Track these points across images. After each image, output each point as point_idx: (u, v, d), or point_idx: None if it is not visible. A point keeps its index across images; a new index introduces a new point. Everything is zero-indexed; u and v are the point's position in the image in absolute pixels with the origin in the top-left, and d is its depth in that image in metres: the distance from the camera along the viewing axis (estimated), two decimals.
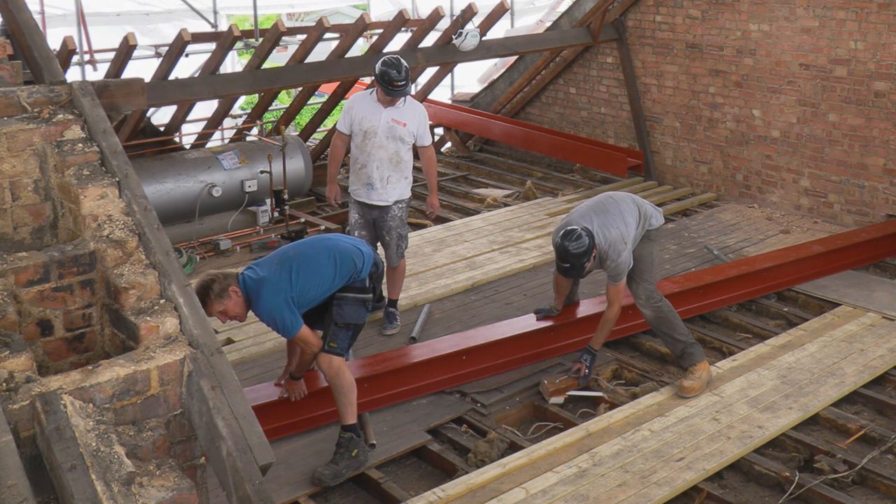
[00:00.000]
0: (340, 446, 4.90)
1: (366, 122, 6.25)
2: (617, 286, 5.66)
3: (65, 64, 7.66)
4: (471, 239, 8.38)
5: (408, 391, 5.65)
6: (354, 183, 6.39)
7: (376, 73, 6.16)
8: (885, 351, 6.21)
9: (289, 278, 4.73)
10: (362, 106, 6.31)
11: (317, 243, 5.03)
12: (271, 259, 4.89)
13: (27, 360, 2.92)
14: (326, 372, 4.88)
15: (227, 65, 11.20)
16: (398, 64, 6.13)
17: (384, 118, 6.23)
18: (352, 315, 4.93)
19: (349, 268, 4.90)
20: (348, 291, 4.93)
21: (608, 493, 4.68)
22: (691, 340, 5.77)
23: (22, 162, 3.53)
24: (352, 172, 6.41)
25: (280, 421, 5.19)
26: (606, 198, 5.87)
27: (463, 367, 5.83)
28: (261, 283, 4.69)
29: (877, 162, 8.47)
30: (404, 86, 6.15)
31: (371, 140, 6.24)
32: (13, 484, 2.45)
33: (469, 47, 9.38)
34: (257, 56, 8.61)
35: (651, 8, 10.02)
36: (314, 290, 4.82)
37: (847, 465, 5.04)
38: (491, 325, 6.33)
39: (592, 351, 5.85)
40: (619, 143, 10.61)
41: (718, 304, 6.98)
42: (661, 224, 5.92)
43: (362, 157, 6.29)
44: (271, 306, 4.68)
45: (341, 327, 4.90)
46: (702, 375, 5.68)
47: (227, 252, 8.24)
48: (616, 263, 5.57)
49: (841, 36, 8.50)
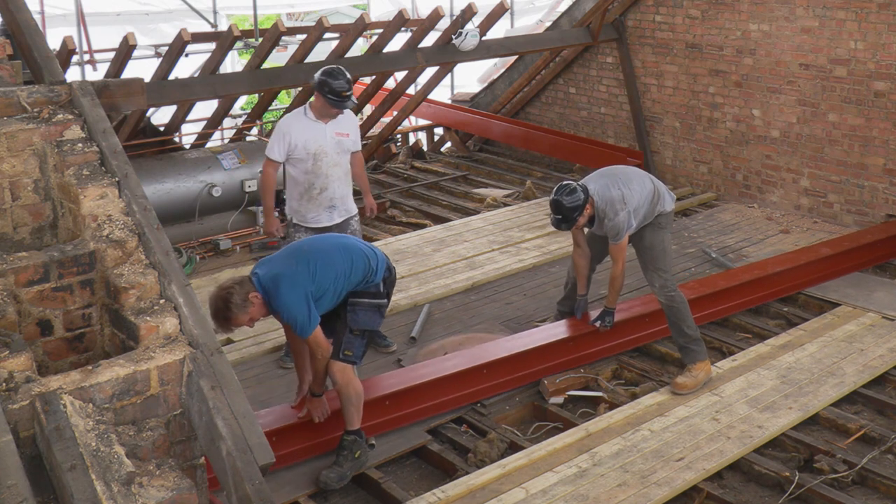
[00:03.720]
0: (343, 448, 4.85)
1: (312, 143, 5.81)
2: (617, 245, 5.72)
3: (65, 64, 7.67)
4: (471, 239, 8.38)
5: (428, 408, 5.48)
6: (311, 210, 5.92)
7: (317, 84, 5.75)
8: (884, 351, 6.21)
9: (307, 271, 4.60)
10: (301, 128, 5.83)
11: (329, 239, 4.97)
12: (282, 255, 4.78)
13: (27, 360, 2.92)
14: (339, 380, 4.76)
15: (227, 65, 11.20)
16: (341, 73, 5.75)
17: (329, 135, 5.85)
18: (367, 321, 4.83)
19: (363, 266, 4.80)
20: (363, 297, 4.83)
21: (608, 493, 4.67)
22: (697, 337, 5.78)
23: (22, 162, 3.53)
24: (303, 200, 5.91)
25: (303, 443, 5.01)
26: (619, 167, 6.05)
27: (483, 382, 5.68)
28: (278, 279, 4.55)
29: (877, 162, 8.46)
30: (350, 95, 5.78)
31: (323, 161, 5.84)
32: (13, 484, 2.45)
33: (469, 47, 9.38)
34: (257, 56, 8.61)
35: (651, 8, 10.02)
36: (330, 286, 4.69)
37: (847, 465, 5.03)
38: (510, 337, 6.14)
39: (610, 309, 6.02)
40: (618, 142, 10.61)
41: (732, 309, 6.90)
42: (672, 209, 5.95)
43: (319, 181, 5.85)
44: (290, 301, 4.54)
45: (356, 335, 4.80)
46: (698, 375, 5.67)
47: (227, 252, 8.24)
48: (613, 223, 5.63)
49: (841, 36, 8.49)
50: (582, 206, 5.59)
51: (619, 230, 5.66)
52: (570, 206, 5.58)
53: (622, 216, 5.62)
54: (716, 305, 6.81)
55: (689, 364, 5.72)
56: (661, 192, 5.87)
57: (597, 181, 5.79)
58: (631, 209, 5.65)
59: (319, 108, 5.83)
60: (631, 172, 5.95)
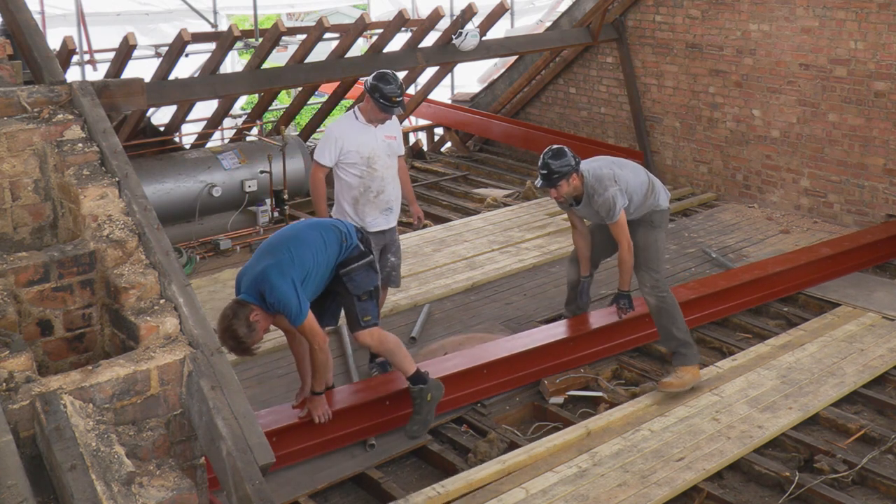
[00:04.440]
0: (415, 398, 5.09)
1: (364, 148, 5.72)
2: (616, 224, 5.69)
3: (65, 64, 7.67)
4: (471, 239, 8.38)
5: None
6: (368, 214, 5.78)
7: (369, 88, 5.63)
8: (885, 351, 6.21)
9: (287, 257, 4.65)
10: (353, 133, 5.74)
11: (291, 227, 5.06)
12: (256, 257, 4.77)
13: (27, 360, 2.92)
14: (372, 344, 4.98)
15: (227, 65, 11.20)
16: (393, 77, 5.66)
17: (380, 138, 5.77)
18: (366, 281, 4.94)
19: (335, 235, 4.88)
20: (350, 263, 4.91)
21: (608, 493, 4.67)
22: (688, 340, 5.73)
23: (22, 162, 3.53)
24: (359, 205, 5.79)
25: (303, 443, 4.99)
26: (614, 157, 6.15)
27: (483, 382, 5.68)
28: (266, 272, 4.57)
29: (877, 162, 8.47)
30: (402, 100, 5.69)
31: (377, 164, 5.75)
32: (13, 484, 2.45)
33: (469, 47, 9.38)
34: (257, 56, 8.61)
35: (651, 8, 10.02)
36: (311, 264, 4.72)
37: (847, 465, 5.03)
38: (510, 337, 6.14)
39: (624, 292, 6.01)
40: (619, 143, 10.61)
41: (732, 309, 6.89)
42: (667, 207, 5.93)
43: (376, 184, 5.75)
44: (281, 290, 4.54)
45: (364, 300, 4.92)
46: (684, 377, 5.63)
47: (227, 252, 8.24)
48: (603, 198, 5.62)
49: (841, 36, 8.50)
50: (567, 172, 5.58)
51: (610, 206, 5.62)
52: (555, 168, 5.58)
53: (611, 191, 5.60)
54: (716, 305, 6.80)
55: (679, 366, 5.68)
56: (655, 187, 5.86)
57: (590, 162, 5.85)
58: (622, 187, 5.65)
59: (369, 111, 5.70)
60: (626, 162, 6.00)
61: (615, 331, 6.16)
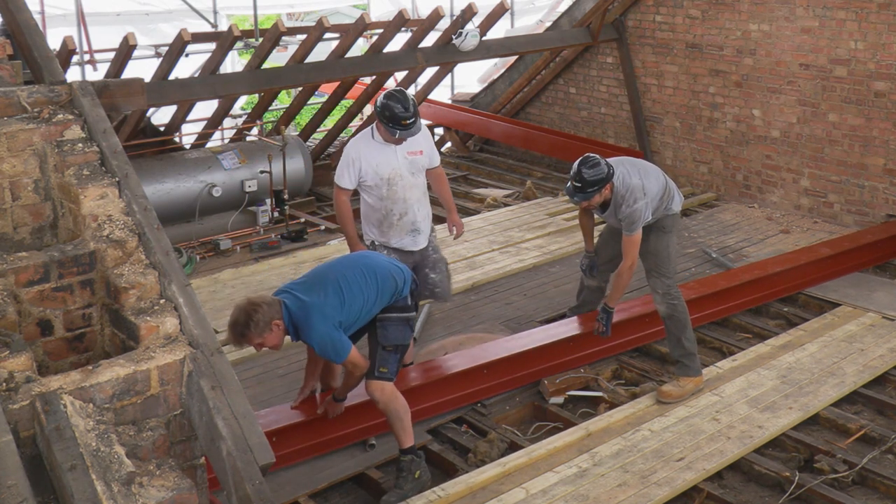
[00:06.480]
0: (402, 470, 4.72)
1: (384, 169, 5.39)
2: (631, 237, 5.56)
3: (65, 64, 7.67)
4: (471, 239, 8.37)
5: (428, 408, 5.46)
6: (394, 237, 5.53)
7: (378, 109, 5.31)
8: (885, 351, 6.21)
9: (337, 300, 4.54)
10: (370, 153, 5.42)
11: (355, 262, 4.84)
12: (310, 281, 4.67)
13: (27, 360, 2.92)
14: (379, 399, 4.69)
15: (227, 65, 11.19)
16: (404, 97, 5.27)
17: (401, 156, 5.44)
18: (397, 336, 4.76)
19: (391, 286, 4.73)
20: (391, 311, 4.76)
21: (608, 493, 4.67)
22: (694, 352, 5.68)
23: (22, 162, 3.53)
24: (384, 227, 5.53)
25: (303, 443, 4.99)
26: (634, 158, 6.00)
27: (483, 382, 5.67)
28: (308, 310, 4.47)
29: (877, 162, 8.46)
30: (413, 123, 5.27)
31: (398, 185, 5.43)
32: (13, 484, 2.45)
33: (469, 47, 9.38)
34: (257, 56, 8.61)
35: (651, 8, 10.02)
36: (359, 313, 4.65)
37: (847, 465, 5.03)
38: (510, 337, 6.13)
39: (608, 308, 5.82)
40: (619, 143, 10.60)
41: (733, 309, 6.89)
42: (678, 211, 5.85)
43: (398, 207, 5.45)
44: (322, 333, 4.48)
45: (389, 351, 4.73)
46: (686, 386, 5.60)
47: (227, 252, 8.24)
48: (631, 210, 5.49)
49: (841, 36, 8.49)
50: (602, 182, 5.44)
51: (634, 220, 5.51)
52: (590, 178, 5.43)
53: (640, 205, 5.50)
54: (716, 305, 6.80)
55: (681, 376, 5.67)
56: (671, 191, 5.78)
57: (619, 166, 5.65)
58: (649, 200, 5.56)
59: (384, 131, 5.38)
60: (647, 165, 5.85)
61: (615, 331, 6.15)
